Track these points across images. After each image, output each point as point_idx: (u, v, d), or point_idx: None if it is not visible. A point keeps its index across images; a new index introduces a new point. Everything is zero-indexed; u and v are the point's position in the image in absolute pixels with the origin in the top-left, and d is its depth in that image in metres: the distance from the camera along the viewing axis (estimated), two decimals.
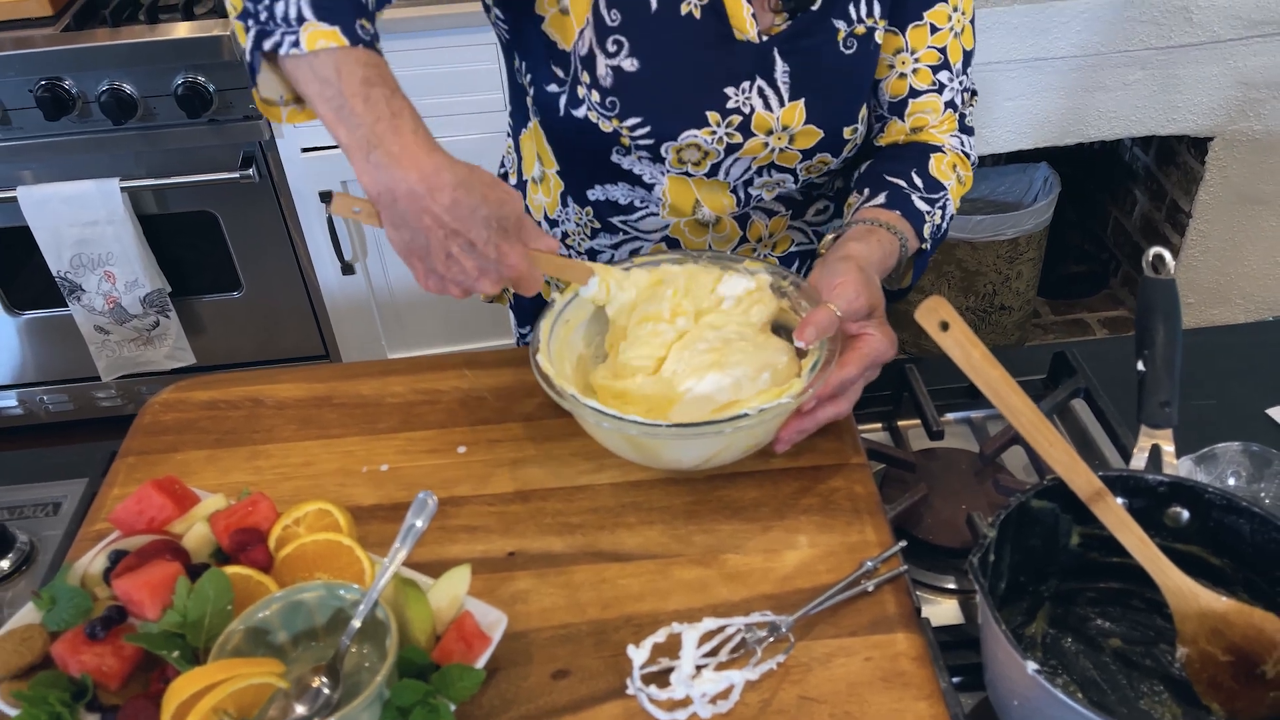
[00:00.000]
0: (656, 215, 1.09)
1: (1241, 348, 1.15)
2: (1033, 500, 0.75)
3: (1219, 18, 2.06)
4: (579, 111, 1.01)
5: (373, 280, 2.36)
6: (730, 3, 0.98)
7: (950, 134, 1.09)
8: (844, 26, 1.01)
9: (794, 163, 1.05)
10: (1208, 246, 2.46)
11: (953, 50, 1.06)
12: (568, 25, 0.98)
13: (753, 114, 1.01)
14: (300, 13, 0.77)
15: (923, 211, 1.02)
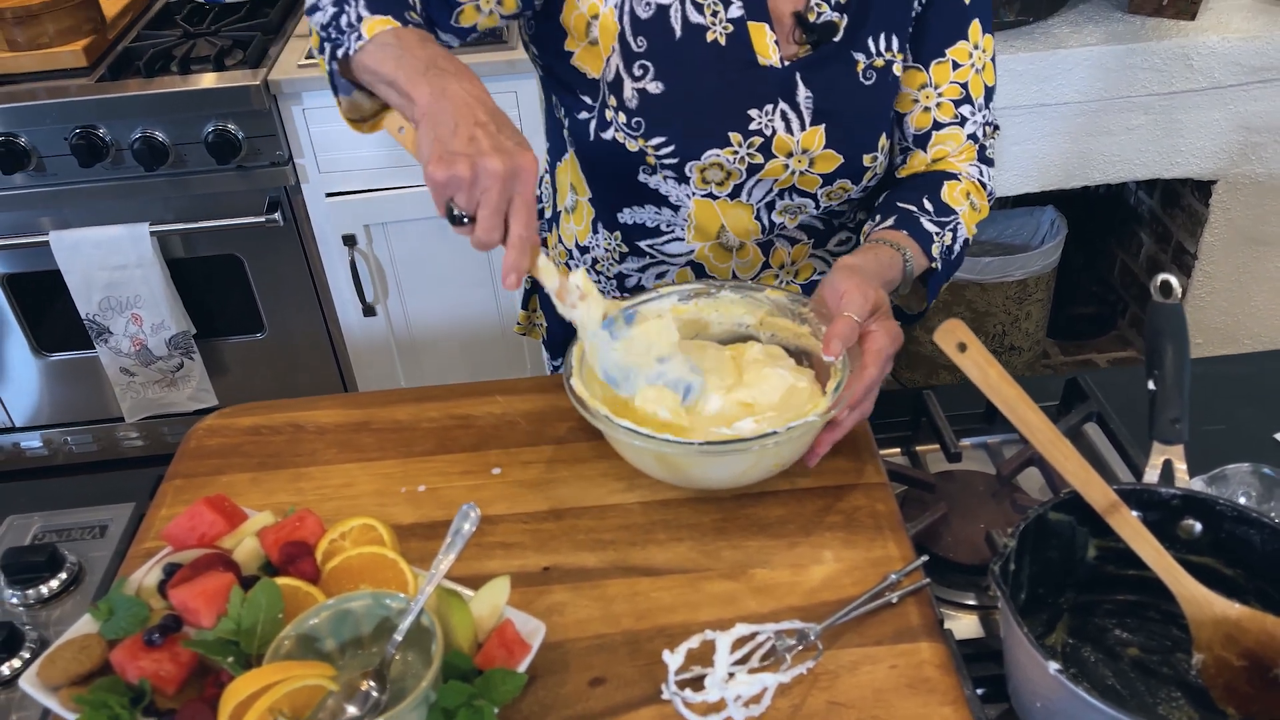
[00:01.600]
0: (682, 239, 1.14)
1: (1250, 376, 1.18)
2: (1050, 513, 0.78)
3: (1219, 64, 2.12)
4: (607, 134, 1.07)
5: (393, 321, 2.41)
6: (754, 30, 1.03)
7: (969, 164, 1.13)
8: (863, 59, 1.06)
9: (814, 187, 1.10)
10: (1214, 287, 2.49)
11: (974, 85, 1.11)
12: (596, 55, 1.04)
13: (774, 136, 1.06)
14: (359, 14, 0.91)
15: (931, 233, 1.07)
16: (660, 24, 1.02)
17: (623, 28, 1.02)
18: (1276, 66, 2.13)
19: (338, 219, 2.24)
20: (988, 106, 1.14)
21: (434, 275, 2.34)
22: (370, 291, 2.34)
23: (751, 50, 1.04)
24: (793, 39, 1.05)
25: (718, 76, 1.04)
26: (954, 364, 0.79)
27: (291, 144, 2.15)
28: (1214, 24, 2.13)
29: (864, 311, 0.93)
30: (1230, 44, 2.09)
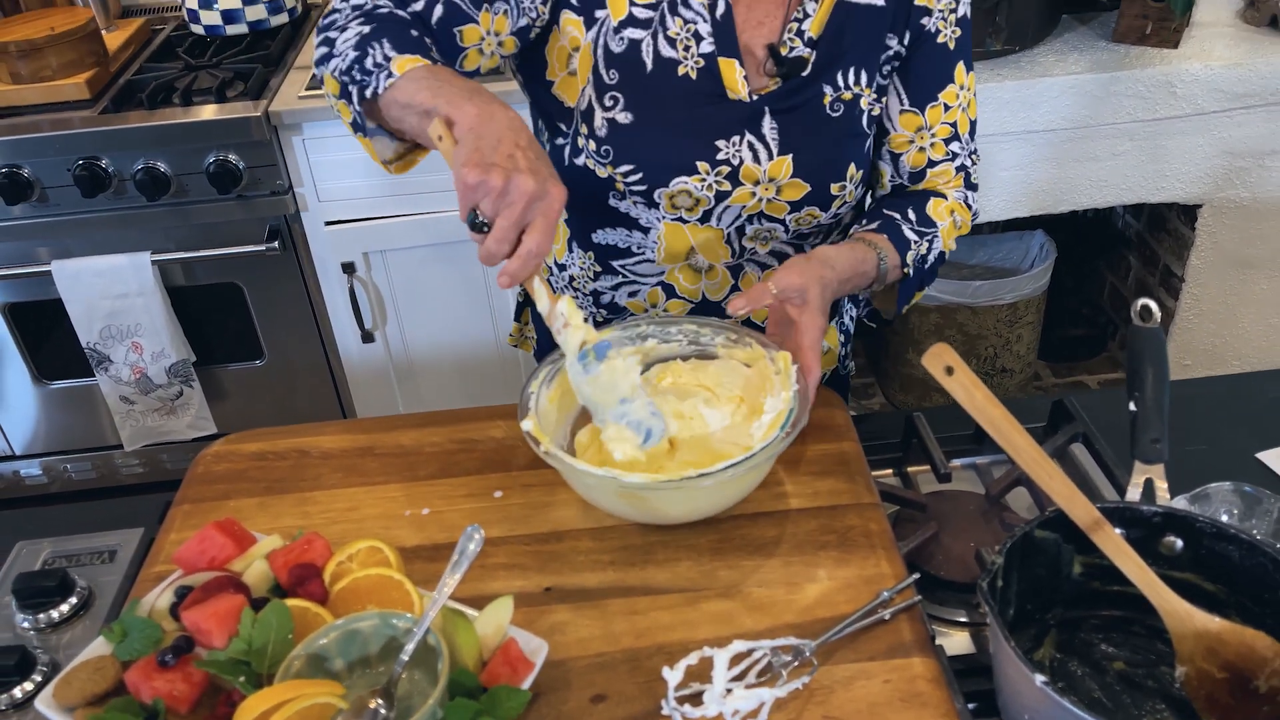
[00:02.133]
0: (652, 260, 1.17)
1: (1232, 397, 1.21)
2: (1036, 530, 0.81)
3: (1202, 91, 2.16)
4: (579, 160, 1.11)
5: (391, 347, 2.43)
6: (724, 66, 1.07)
7: (956, 190, 1.19)
8: (831, 91, 1.10)
9: (783, 213, 1.14)
10: (1201, 310, 2.53)
11: (961, 123, 1.17)
12: (574, 85, 1.08)
13: (741, 165, 1.10)
14: (386, 54, 0.94)
15: (909, 239, 1.12)
16: (632, 57, 1.06)
17: (596, 60, 1.07)
18: (1258, 93, 2.17)
19: (337, 247, 2.27)
20: (972, 139, 1.19)
21: (432, 301, 2.37)
22: (369, 318, 2.37)
23: (721, 85, 1.08)
24: (764, 71, 1.09)
25: (687, 109, 1.08)
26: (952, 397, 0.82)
27: (291, 173, 2.18)
28: (1197, 52, 2.18)
29: (784, 286, 0.99)
30: (1213, 71, 2.14)
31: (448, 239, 2.27)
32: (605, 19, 1.06)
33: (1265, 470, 1.09)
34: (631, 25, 1.06)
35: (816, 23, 1.08)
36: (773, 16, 1.09)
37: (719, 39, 1.07)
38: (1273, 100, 2.19)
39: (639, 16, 1.05)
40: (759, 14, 1.09)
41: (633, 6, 1.05)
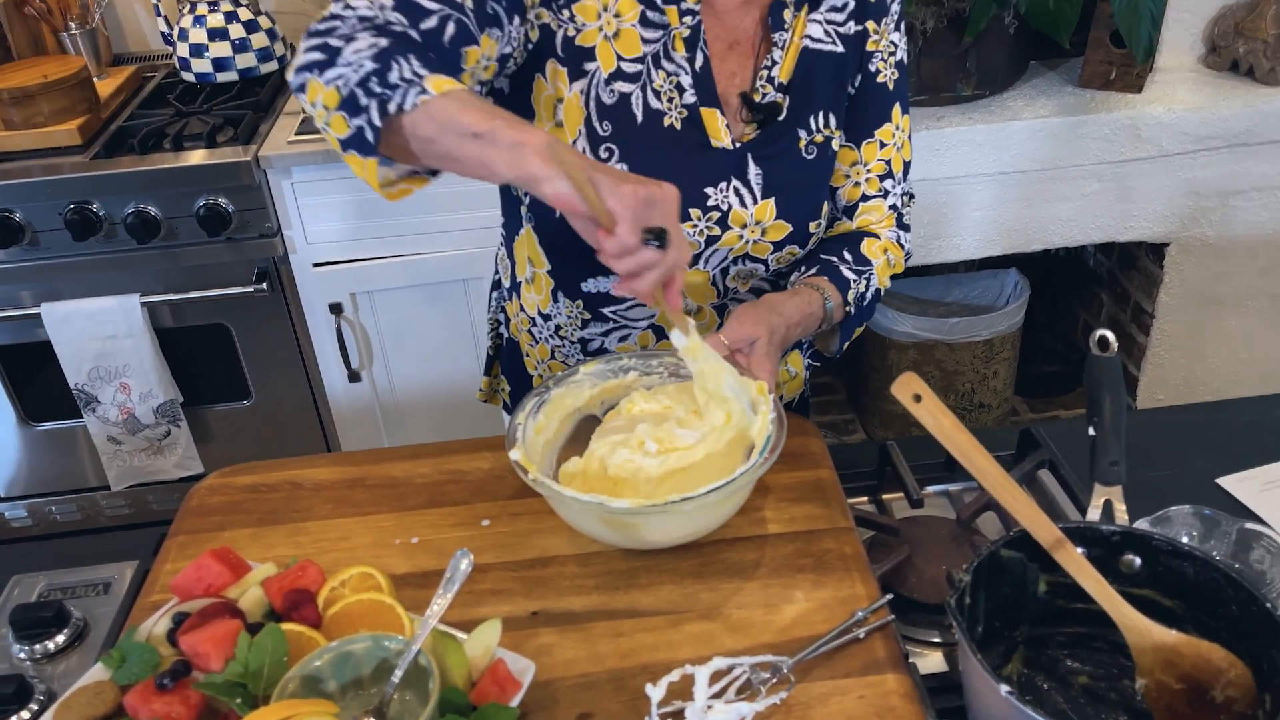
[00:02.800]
0: (643, 305, 1.21)
1: (1194, 425, 1.26)
2: (1002, 550, 0.85)
3: (1165, 134, 2.23)
4: None
5: (378, 387, 2.46)
6: (707, 115, 1.12)
7: (888, 229, 1.24)
8: (805, 135, 1.16)
9: (765, 254, 1.19)
10: (1172, 345, 2.59)
11: (895, 161, 1.23)
12: (561, 137, 1.11)
13: (729, 210, 1.14)
14: (417, 72, 0.89)
15: (849, 278, 1.17)
16: (623, 109, 1.11)
17: (589, 111, 1.10)
18: (1221, 135, 2.25)
19: (325, 288, 2.30)
20: (905, 179, 1.25)
21: (418, 341, 2.41)
22: (356, 358, 2.40)
23: (705, 134, 1.13)
24: (740, 118, 1.14)
25: (676, 158, 1.12)
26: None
27: (280, 216, 2.22)
28: (1160, 96, 2.25)
29: (734, 337, 1.05)
30: (1176, 115, 2.21)
31: (434, 280, 2.31)
32: (595, 71, 1.10)
33: (1225, 495, 1.13)
34: (620, 79, 1.10)
35: (784, 69, 1.14)
36: (744, 68, 1.15)
37: (699, 89, 1.12)
38: (1235, 142, 2.26)
39: (626, 70, 1.10)
40: (731, 65, 1.15)
41: (620, 60, 1.10)
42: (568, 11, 1.08)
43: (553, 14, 1.08)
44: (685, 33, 1.11)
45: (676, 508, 0.89)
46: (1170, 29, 2.32)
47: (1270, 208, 2.37)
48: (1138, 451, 1.14)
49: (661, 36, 1.10)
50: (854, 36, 1.17)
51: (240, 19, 2.40)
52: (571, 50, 1.09)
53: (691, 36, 1.11)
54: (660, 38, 1.10)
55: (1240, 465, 1.17)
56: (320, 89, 0.92)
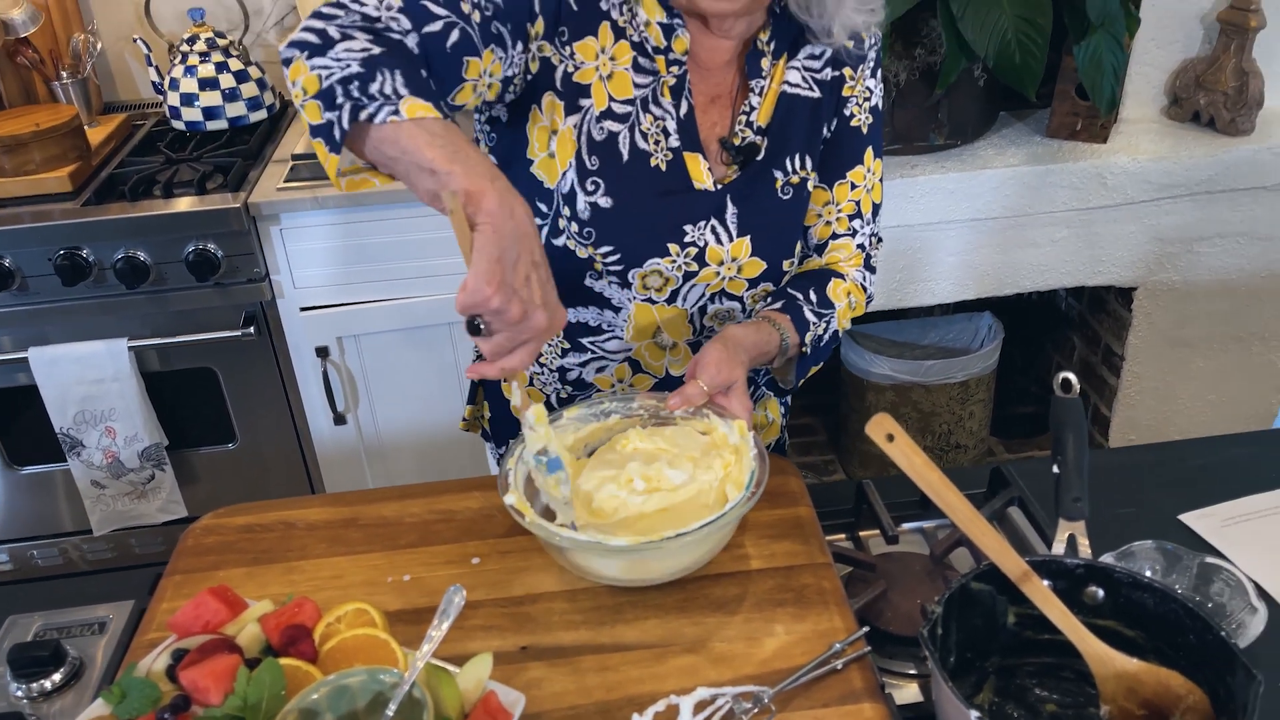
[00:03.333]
0: (621, 338, 1.25)
1: (1158, 463, 1.31)
2: (972, 583, 0.89)
3: (1130, 182, 2.31)
4: (559, 240, 1.19)
5: (363, 429, 2.48)
6: (690, 159, 1.18)
7: (855, 269, 1.29)
8: (781, 176, 1.22)
9: (741, 290, 1.24)
10: (1142, 387, 2.65)
11: (865, 203, 1.28)
12: (553, 167, 1.17)
13: (706, 247, 1.19)
14: (397, 90, 0.92)
15: (809, 320, 1.22)
16: (611, 147, 1.16)
17: (580, 146, 1.16)
18: (1184, 183, 2.32)
19: (312, 332, 2.34)
20: (874, 220, 1.31)
21: (403, 383, 2.44)
22: (341, 401, 2.43)
23: (689, 177, 1.18)
24: (721, 160, 1.20)
25: (659, 197, 1.18)
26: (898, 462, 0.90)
27: (268, 261, 2.26)
28: (1124, 146, 2.33)
29: (714, 384, 1.08)
30: (1140, 164, 2.29)
31: (419, 323, 2.35)
32: (589, 108, 1.15)
33: (1187, 530, 1.18)
34: (610, 118, 1.16)
35: (763, 113, 1.20)
36: (724, 117, 1.21)
37: (683, 135, 1.17)
38: (1197, 190, 2.34)
39: (617, 111, 1.16)
40: (713, 116, 1.21)
41: (612, 100, 1.16)
42: (569, 48, 1.14)
43: (555, 49, 1.13)
44: (672, 81, 1.17)
45: (671, 543, 0.92)
46: (1133, 81, 2.41)
47: (1232, 253, 2.44)
48: (1103, 489, 1.18)
49: (651, 82, 1.16)
50: (830, 82, 1.23)
51: (230, 69, 2.45)
52: (570, 85, 1.15)
53: (677, 85, 1.17)
54: (650, 83, 1.16)
55: (1201, 502, 1.21)
56: (304, 71, 0.95)
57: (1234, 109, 2.31)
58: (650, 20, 1.15)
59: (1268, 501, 1.21)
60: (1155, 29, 2.34)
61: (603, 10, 1.14)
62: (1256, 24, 2.24)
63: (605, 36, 1.15)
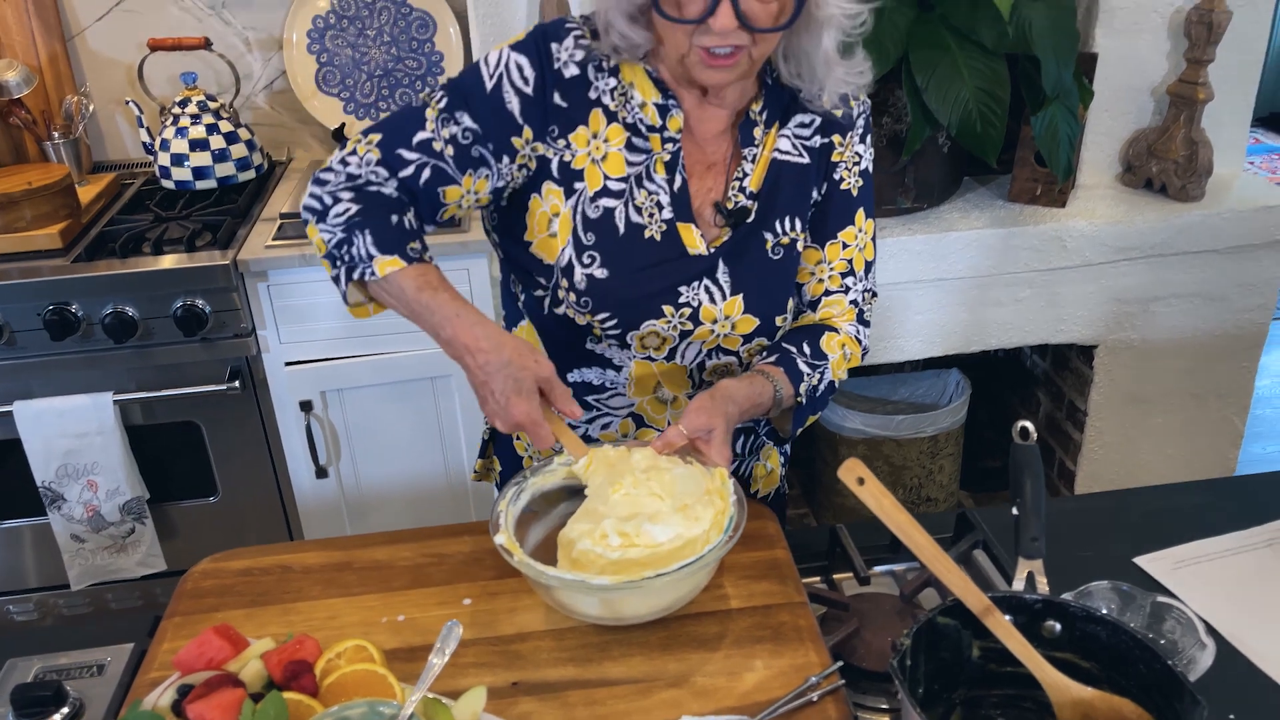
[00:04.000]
0: (623, 395, 1.31)
1: (1113, 510, 1.38)
2: (939, 617, 0.94)
3: (1088, 245, 2.41)
4: (559, 309, 1.26)
5: (344, 483, 2.52)
6: (683, 231, 1.25)
7: (849, 324, 1.35)
8: (772, 237, 1.29)
9: (737, 346, 1.30)
10: (1105, 442, 2.73)
11: (857, 261, 1.35)
12: (553, 245, 1.24)
13: (700, 307, 1.26)
14: (369, 251, 1.14)
15: (803, 372, 1.27)
16: (606, 222, 1.23)
17: (575, 224, 1.23)
18: (1139, 246, 2.42)
19: (296, 386, 2.38)
20: (867, 277, 1.37)
21: (385, 438, 2.48)
22: (324, 454, 2.46)
23: (682, 245, 1.25)
24: (714, 223, 1.27)
25: (654, 264, 1.24)
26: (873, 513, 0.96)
27: (255, 317, 2.30)
28: (1082, 210, 2.43)
29: (693, 427, 1.15)
30: (1097, 227, 2.39)
31: (402, 378, 2.40)
32: (582, 190, 1.23)
33: (1141, 572, 1.24)
34: (605, 195, 1.23)
35: (755, 179, 1.27)
36: (719, 183, 1.28)
37: (677, 208, 1.25)
38: (1152, 253, 2.44)
39: (611, 188, 1.23)
40: (709, 183, 1.28)
41: (607, 179, 1.23)
42: (563, 141, 1.22)
43: (548, 145, 1.22)
44: (666, 157, 1.24)
45: (651, 583, 0.98)
46: (1089, 150, 2.52)
47: (1187, 314, 2.54)
48: (1061, 533, 1.25)
49: (644, 160, 1.24)
50: (819, 149, 1.30)
51: (221, 130, 2.52)
52: (566, 172, 1.23)
53: (671, 161, 1.24)
54: (643, 160, 1.24)
55: (1155, 546, 1.28)
56: (315, 233, 1.19)
57: (1184, 176, 2.42)
58: (646, 101, 1.23)
59: (1217, 545, 1.28)
60: (1108, 100, 2.47)
61: (592, 99, 1.23)
62: (1204, 96, 2.36)
63: (597, 122, 1.23)
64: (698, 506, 1.11)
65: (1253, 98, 2.53)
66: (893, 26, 2.07)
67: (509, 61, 1.21)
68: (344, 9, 2.65)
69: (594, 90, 1.22)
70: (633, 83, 1.23)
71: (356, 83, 2.70)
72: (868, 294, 1.38)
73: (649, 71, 1.23)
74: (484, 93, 1.21)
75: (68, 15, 2.67)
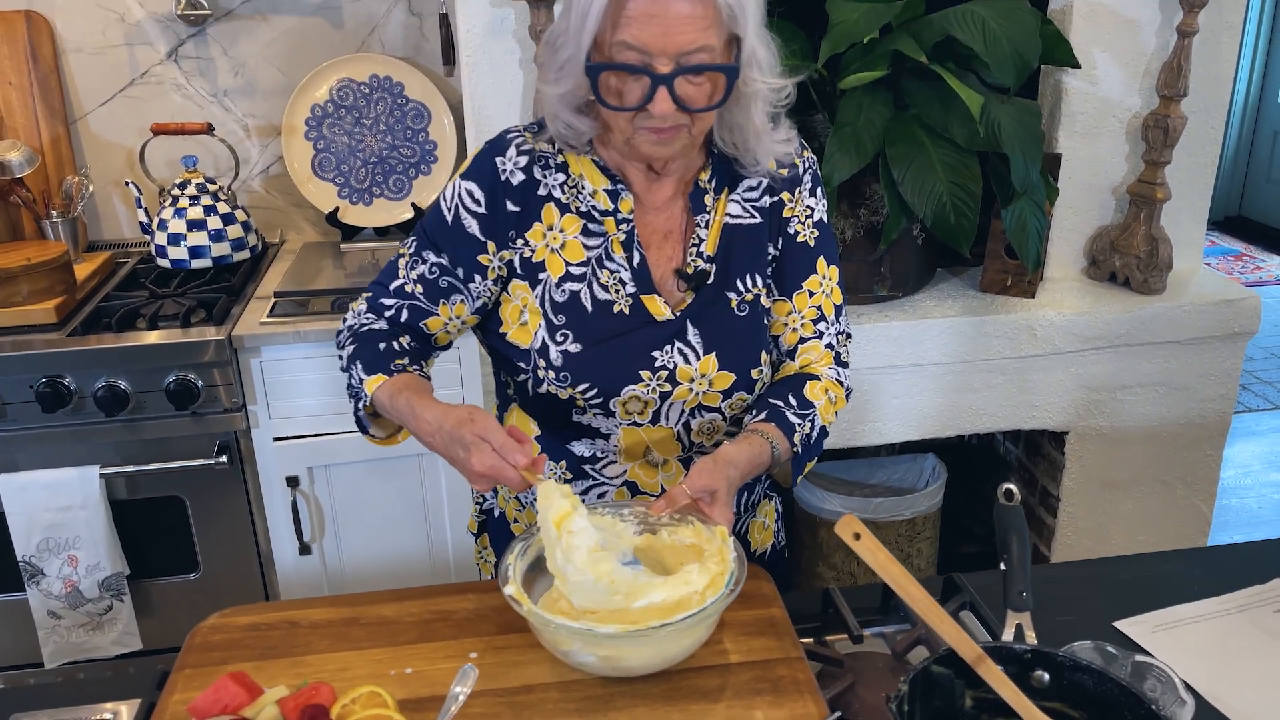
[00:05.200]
0: (616, 462, 1.36)
1: (1095, 577, 1.43)
2: (933, 666, 0.98)
3: (1057, 334, 2.50)
4: (541, 389, 1.32)
5: (327, 560, 2.52)
6: (648, 301, 1.33)
7: (828, 367, 1.41)
8: (735, 296, 1.36)
9: (718, 402, 1.36)
10: (1078, 528, 2.79)
11: (826, 306, 1.42)
12: (526, 332, 1.32)
13: (676, 368, 1.32)
14: (360, 376, 1.29)
15: (794, 423, 1.33)
16: (574, 303, 1.31)
17: (545, 310, 1.31)
18: (1104, 336, 2.52)
19: (283, 462, 2.40)
20: (839, 320, 1.44)
21: (370, 515, 2.49)
22: (308, 531, 2.47)
23: (648, 314, 1.33)
24: (677, 288, 1.34)
25: (624, 334, 1.31)
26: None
27: (246, 392, 2.34)
28: (1051, 301, 2.54)
29: (695, 487, 1.19)
30: (1065, 318, 2.49)
31: (388, 455, 2.42)
32: (546, 278, 1.32)
33: (1121, 635, 1.29)
34: (569, 280, 1.32)
35: (710, 243, 1.36)
36: (677, 250, 1.37)
37: (639, 282, 1.33)
38: (1118, 343, 2.54)
39: (574, 273, 1.32)
40: (667, 251, 1.36)
41: (568, 266, 1.32)
42: (521, 240, 1.33)
43: (511, 249, 1.33)
44: (621, 237, 1.33)
45: (655, 632, 1.01)
46: (1055, 245, 2.64)
47: (1153, 402, 2.63)
48: (1044, 598, 1.30)
49: (601, 243, 1.32)
50: (769, 208, 1.39)
51: (219, 211, 2.59)
52: (529, 267, 1.32)
53: (627, 240, 1.33)
54: (600, 244, 1.32)
55: (1133, 611, 1.33)
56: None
57: (1146, 270, 2.53)
58: (596, 189, 1.32)
59: (1193, 610, 1.33)
60: (1072, 198, 2.59)
61: (542, 196, 1.33)
62: (1163, 196, 2.49)
63: (550, 215, 1.33)
64: (688, 570, 1.15)
65: (1208, 198, 2.67)
66: (870, 124, 2.19)
67: (460, 191, 1.34)
68: (342, 99, 2.76)
69: (543, 188, 1.33)
70: (581, 174, 1.33)
71: (351, 169, 2.79)
72: (842, 335, 1.45)
73: (595, 161, 1.33)
74: (446, 226, 1.34)
75: (72, 100, 2.75)
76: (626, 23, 1.16)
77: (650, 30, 1.15)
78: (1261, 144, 6.63)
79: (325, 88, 2.74)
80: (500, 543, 1.53)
